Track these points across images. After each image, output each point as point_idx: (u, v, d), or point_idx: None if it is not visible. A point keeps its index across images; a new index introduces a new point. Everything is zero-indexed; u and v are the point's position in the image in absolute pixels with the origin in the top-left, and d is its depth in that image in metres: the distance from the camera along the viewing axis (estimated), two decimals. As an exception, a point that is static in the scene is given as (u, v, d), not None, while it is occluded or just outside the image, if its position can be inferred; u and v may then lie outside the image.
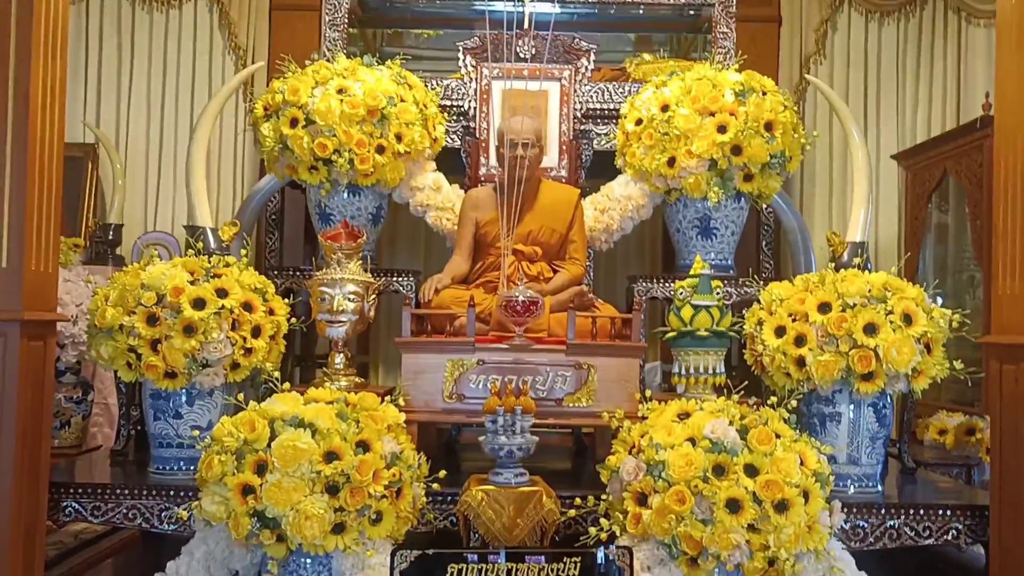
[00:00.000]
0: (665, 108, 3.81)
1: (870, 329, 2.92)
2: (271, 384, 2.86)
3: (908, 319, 2.95)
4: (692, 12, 4.92)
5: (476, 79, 4.27)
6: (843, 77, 5.49)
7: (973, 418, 4.07)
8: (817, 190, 5.35)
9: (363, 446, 2.59)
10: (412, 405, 3.14)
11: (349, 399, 2.77)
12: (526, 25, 4.25)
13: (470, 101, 4.30)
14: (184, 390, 3.11)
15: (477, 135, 4.24)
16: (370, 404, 2.77)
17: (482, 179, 4.14)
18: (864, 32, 5.50)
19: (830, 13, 5.46)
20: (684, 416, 2.70)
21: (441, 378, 3.19)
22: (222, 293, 3.04)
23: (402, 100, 3.83)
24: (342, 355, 3.40)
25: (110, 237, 4.81)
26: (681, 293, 3.14)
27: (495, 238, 3.69)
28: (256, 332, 3.11)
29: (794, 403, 2.81)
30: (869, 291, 3.02)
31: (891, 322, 2.93)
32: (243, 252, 3.45)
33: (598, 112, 4.40)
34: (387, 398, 2.91)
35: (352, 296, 3.34)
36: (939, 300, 3.48)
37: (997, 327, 2.92)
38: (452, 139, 4.32)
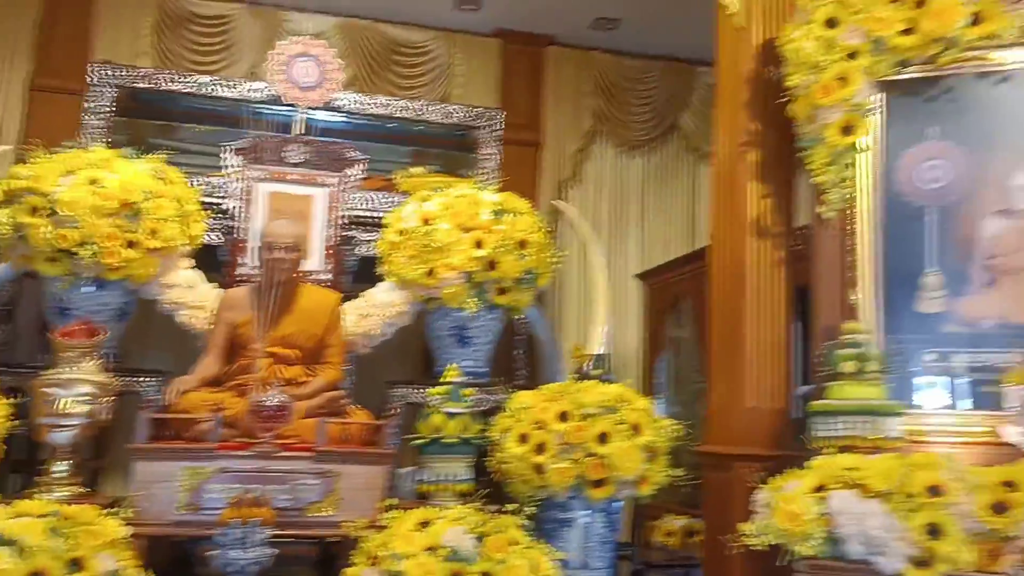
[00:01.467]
0: (427, 222, 3.97)
1: (603, 438, 3.12)
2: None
3: (636, 429, 3.19)
4: (460, 132, 5.22)
5: (241, 179, 4.24)
6: (595, 200, 6.04)
7: (694, 520, 4.39)
8: (569, 303, 5.75)
9: (76, 564, 2.38)
10: (142, 517, 2.92)
11: (64, 512, 2.54)
12: (298, 131, 4.32)
13: (233, 200, 4.24)
14: None
15: (238, 235, 4.18)
16: (89, 517, 2.56)
17: (241, 279, 4.06)
18: (615, 162, 6.11)
19: (585, 143, 6.03)
20: (425, 524, 2.73)
21: (176, 487, 3.01)
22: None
23: (159, 195, 3.71)
24: (65, 462, 3.12)
25: None
26: (432, 400, 3.21)
27: (250, 340, 3.60)
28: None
29: (532, 510, 2.92)
30: (605, 402, 3.24)
31: (622, 432, 3.16)
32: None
33: (365, 219, 4.49)
34: (112, 511, 2.69)
35: (84, 398, 3.11)
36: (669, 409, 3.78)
37: (710, 438, 3.24)
38: (212, 237, 4.21)
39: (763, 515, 2.50)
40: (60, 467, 3.09)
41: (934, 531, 2.25)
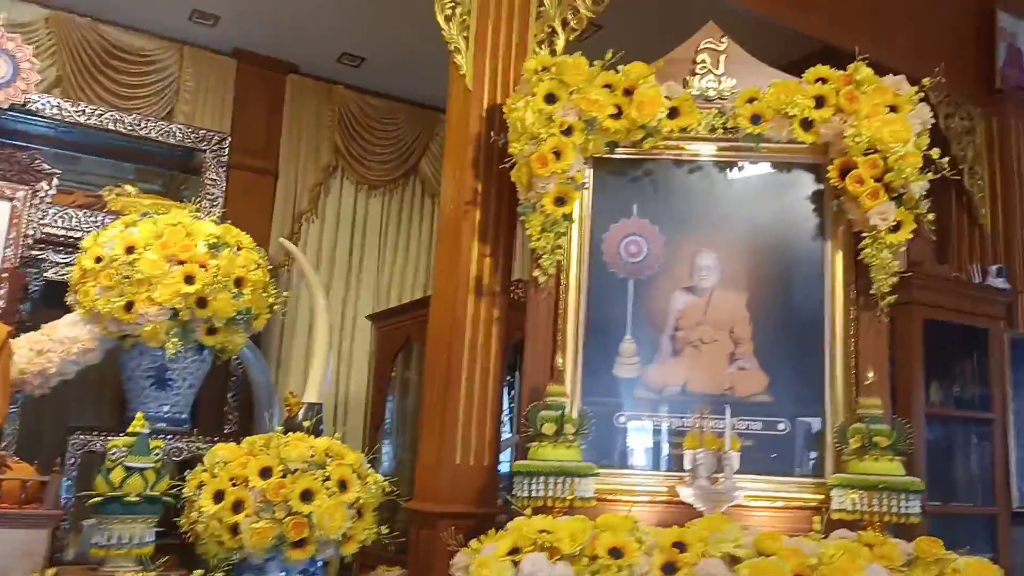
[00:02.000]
0: (131, 250, 3.59)
1: (307, 496, 2.97)
2: None
3: (344, 485, 3.07)
4: (182, 153, 4.85)
5: None
6: (332, 237, 5.90)
7: (406, 571, 4.35)
8: (296, 346, 5.52)
9: None
10: None
11: None
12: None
13: None
14: None
15: None
16: None
17: None
18: (354, 199, 6.03)
19: (324, 177, 5.89)
20: (90, 597, 2.41)
21: None
22: None
23: None
24: None
25: None
26: (113, 453, 2.88)
27: None
28: None
29: (222, 573, 2.69)
30: (311, 456, 3.09)
31: (327, 488, 3.02)
32: None
33: (60, 239, 3.99)
34: None
35: None
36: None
37: (419, 494, 3.21)
38: None
39: (460, 579, 2.50)
40: None
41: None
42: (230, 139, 4.89)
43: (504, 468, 3.72)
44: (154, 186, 5.20)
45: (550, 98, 3.06)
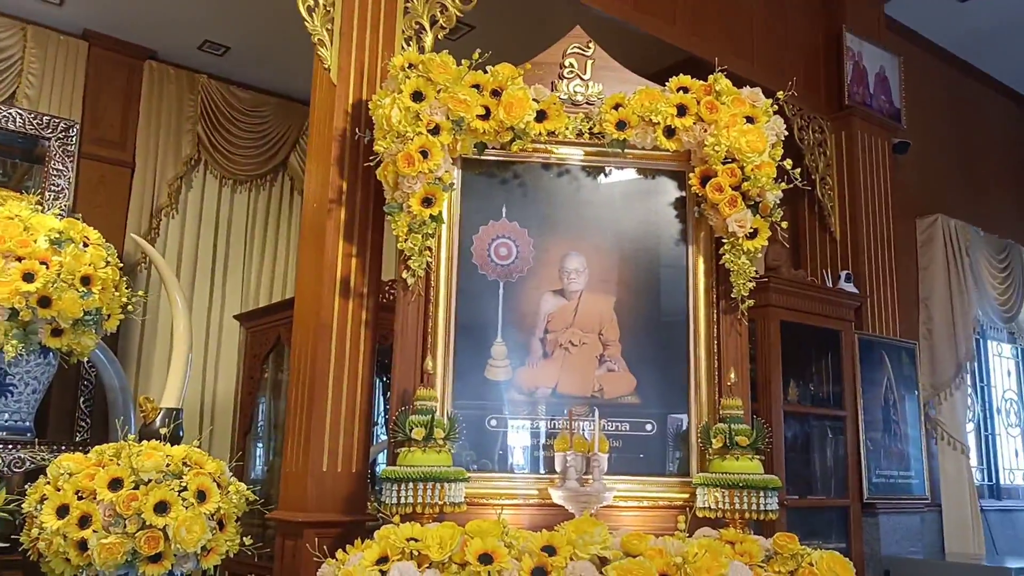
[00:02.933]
0: (-40, 244, 3.31)
1: (161, 508, 2.80)
2: None
3: (202, 496, 2.93)
4: (24, 140, 4.50)
5: None
6: (194, 233, 5.63)
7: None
8: (158, 348, 5.24)
9: None
10: None
11: None
12: None
13: None
14: None
15: None
16: None
17: None
18: (218, 194, 5.78)
19: (185, 170, 5.61)
20: (-91, 630, 2.19)
21: None
22: None
23: None
24: None
25: None
26: (-60, 468, 2.63)
27: None
28: None
29: (69, 594, 2.51)
30: (168, 466, 2.93)
31: (184, 499, 2.88)
32: None
33: None
34: None
35: None
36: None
37: (283, 503, 3.10)
38: None
39: (325, 590, 2.43)
40: None
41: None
42: (80, 127, 4.60)
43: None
44: (-5, 175, 4.81)
45: (417, 96, 3.01)
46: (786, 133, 3.22)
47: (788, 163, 3.11)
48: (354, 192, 3.25)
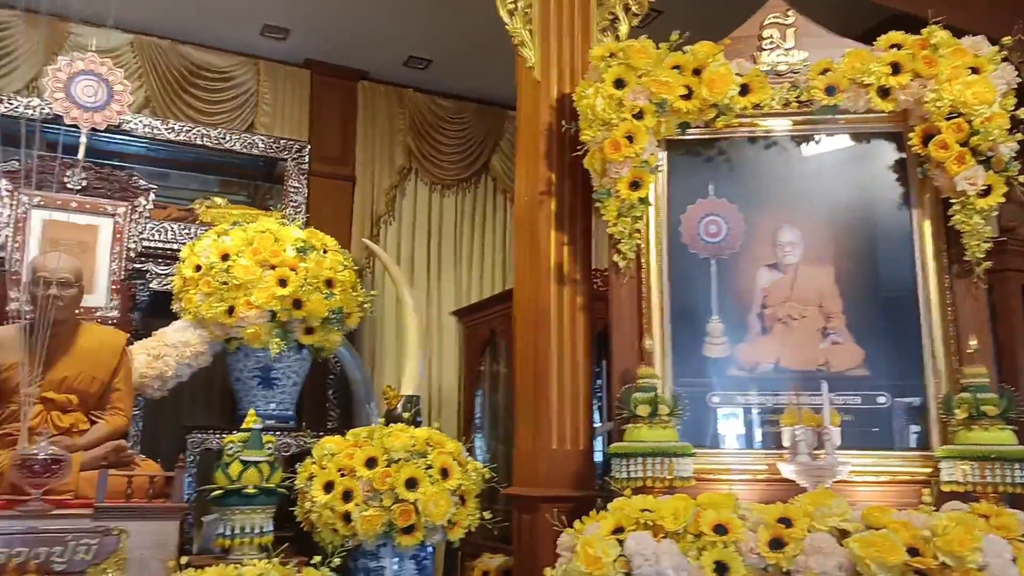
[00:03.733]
0: (225, 257, 3.79)
1: (411, 483, 3.09)
2: None
3: (445, 473, 3.18)
4: (265, 163, 5.05)
5: (13, 205, 3.85)
6: (410, 238, 6.03)
7: (511, 559, 4.45)
8: (387, 343, 5.68)
9: None
10: None
11: None
12: (81, 154, 3.99)
13: (3, 229, 3.85)
14: None
15: (8, 267, 3.78)
16: None
17: (11, 316, 3.67)
18: (428, 199, 6.15)
19: (399, 180, 6.03)
20: (221, 584, 2.57)
21: (-73, 554, 2.65)
22: None
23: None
24: None
25: None
26: (230, 448, 3.04)
27: (19, 385, 3.25)
28: None
29: (339, 560, 2.83)
30: (413, 446, 3.21)
31: (430, 476, 3.14)
32: None
33: (159, 251, 4.23)
34: None
35: None
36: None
37: (518, 479, 3.30)
38: (-22, 270, 3.80)
39: (566, 558, 2.56)
40: None
41: (721, 568, 2.40)
42: (309, 147, 5.07)
43: (597, 455, 3.77)
44: (239, 197, 5.43)
45: (619, 83, 3.10)
46: (1018, 80, 2.99)
47: (1022, 112, 2.89)
48: (562, 183, 3.39)
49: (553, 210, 3.36)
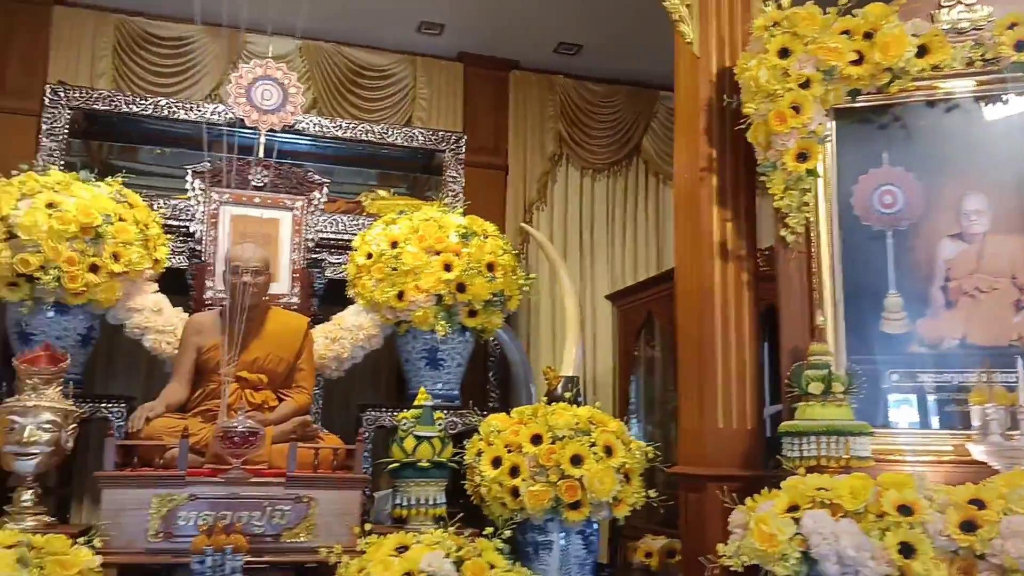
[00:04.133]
0: (394, 244, 3.98)
1: (576, 460, 3.15)
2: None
3: (609, 451, 3.22)
4: (424, 155, 5.24)
5: (205, 202, 4.20)
6: (563, 223, 6.08)
7: (674, 540, 4.44)
8: (542, 325, 5.76)
9: (45, 597, 2.32)
10: (112, 546, 2.87)
11: (33, 542, 2.50)
12: (260, 154, 4.30)
13: (198, 224, 4.20)
14: None
15: (204, 258, 4.14)
16: (58, 547, 2.52)
17: (208, 303, 4.02)
18: (580, 185, 6.18)
19: (550, 166, 6.09)
20: (402, 549, 2.72)
21: (146, 515, 2.96)
22: None
23: (121, 219, 3.68)
24: (31, 491, 3.05)
25: None
26: (404, 424, 3.21)
27: (217, 365, 3.56)
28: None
29: (509, 532, 2.92)
30: (576, 424, 3.26)
31: (595, 453, 3.18)
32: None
33: (332, 242, 4.48)
34: (82, 539, 2.64)
35: (47, 425, 3.05)
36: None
37: (683, 458, 3.28)
38: (178, 260, 4.18)
39: (739, 536, 2.54)
40: (26, 496, 3.02)
41: (907, 550, 2.31)
42: (465, 138, 5.23)
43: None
44: (400, 189, 5.66)
45: (784, 52, 3.01)
46: None
47: None
48: (724, 159, 3.33)
49: (715, 186, 3.31)
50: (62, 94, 4.53)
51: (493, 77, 6.05)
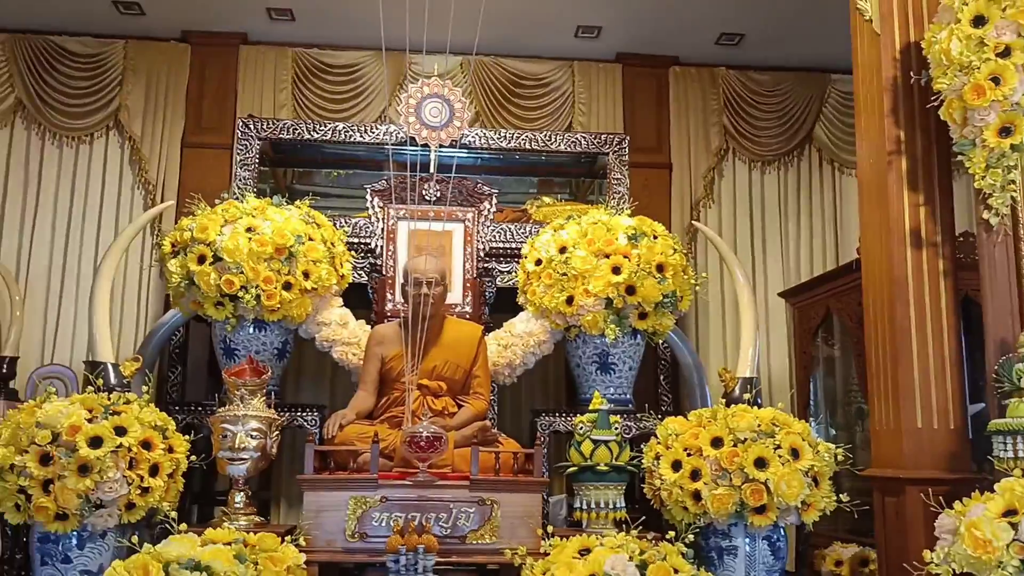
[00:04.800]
0: (563, 250, 4.01)
1: (760, 463, 3.03)
2: (167, 524, 2.77)
3: (795, 453, 3.08)
4: (586, 159, 5.25)
5: (383, 219, 4.41)
6: (731, 219, 5.90)
7: (866, 548, 4.19)
8: (712, 326, 5.62)
9: (260, 590, 2.51)
10: (314, 545, 3.07)
11: (248, 540, 2.70)
12: (432, 169, 4.46)
13: (377, 239, 4.43)
14: (75, 533, 2.93)
15: (383, 272, 4.35)
16: (269, 545, 2.71)
17: (388, 315, 4.22)
18: (748, 179, 5.98)
19: (716, 161, 5.92)
20: (585, 552, 2.73)
21: (343, 516, 3.14)
22: (121, 431, 2.95)
23: (310, 239, 3.93)
24: (242, 493, 3.31)
25: (3, 371, 4.60)
26: (581, 428, 3.22)
27: (400, 373, 3.72)
28: (154, 471, 3.01)
29: (692, 537, 2.86)
30: (758, 426, 3.15)
31: (780, 456, 3.06)
32: (144, 388, 3.38)
33: (501, 251, 4.58)
34: (287, 538, 2.84)
35: (254, 433, 3.30)
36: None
37: (877, 460, 3.09)
38: (359, 275, 4.42)
39: (947, 542, 2.36)
40: (239, 498, 3.29)
41: None
42: (628, 139, 5.19)
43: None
44: (562, 194, 5.70)
45: (978, 20, 2.77)
46: None
47: None
48: (913, 140, 3.12)
49: (905, 170, 3.10)
50: (251, 127, 4.90)
51: (652, 75, 5.97)
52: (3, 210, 5.29)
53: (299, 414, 4.01)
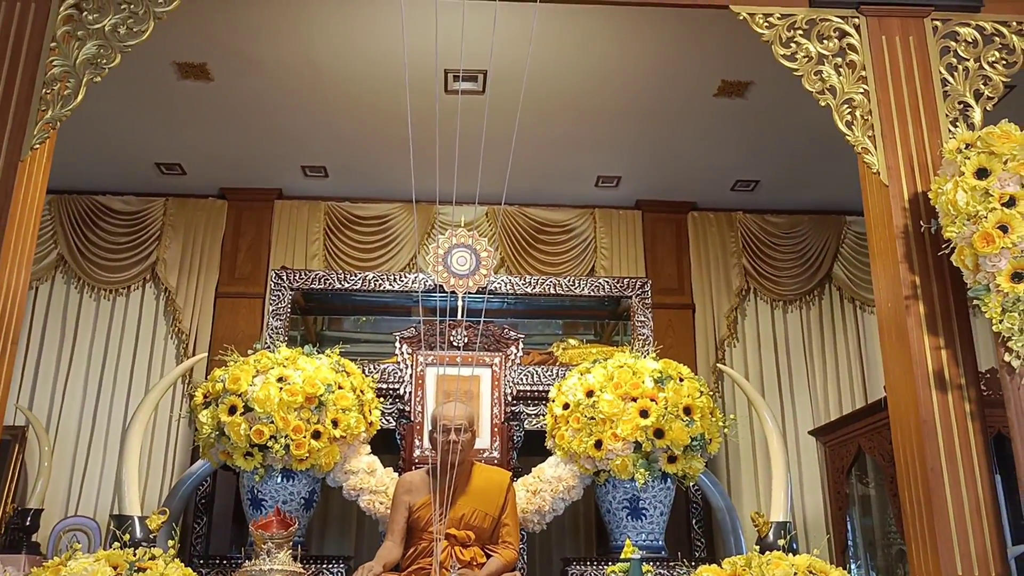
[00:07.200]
0: (590, 393, 4.04)
1: (798, 615, 2.94)
2: None
3: (837, 605, 2.98)
4: (610, 302, 5.36)
5: (411, 365, 4.50)
6: (756, 358, 5.93)
7: None
8: (743, 467, 5.54)
9: None
10: None
11: None
12: (459, 315, 4.58)
13: (406, 385, 4.49)
14: None
15: (412, 418, 4.38)
16: None
17: (416, 461, 4.22)
18: (771, 318, 6.05)
19: (738, 302, 6.02)
20: None
21: (372, 676, 3.04)
22: (144, 589, 2.94)
23: (340, 387, 3.99)
24: (269, 651, 3.23)
25: (27, 523, 4.62)
26: (613, 579, 3.15)
27: (428, 522, 3.68)
28: (175, 630, 2.97)
29: None
30: (795, 574, 3.07)
31: (821, 608, 2.96)
32: (170, 543, 3.37)
33: (528, 394, 4.62)
34: None
35: (280, 587, 3.25)
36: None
37: (920, 608, 2.98)
38: (387, 421, 4.45)
39: None
40: (264, 657, 3.21)
41: None
42: (650, 282, 5.32)
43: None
44: (588, 335, 5.79)
45: (981, 173, 2.91)
46: None
47: None
48: (928, 284, 3.18)
49: (923, 313, 3.15)
50: (284, 278, 5.09)
51: (671, 219, 6.18)
52: (38, 362, 5.45)
53: (325, 567, 3.96)
